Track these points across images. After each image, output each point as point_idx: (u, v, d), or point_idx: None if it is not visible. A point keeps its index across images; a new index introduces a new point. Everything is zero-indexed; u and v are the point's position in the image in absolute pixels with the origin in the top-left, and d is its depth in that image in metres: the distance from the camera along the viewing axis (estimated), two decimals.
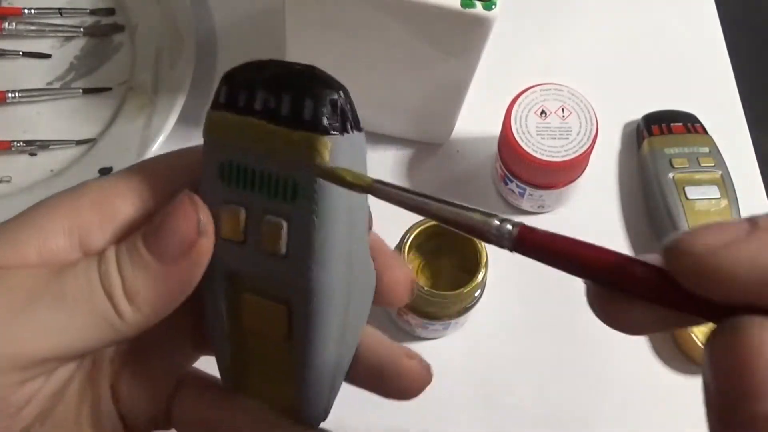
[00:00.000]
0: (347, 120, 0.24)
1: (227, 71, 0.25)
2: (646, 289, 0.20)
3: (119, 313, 0.24)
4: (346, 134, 0.24)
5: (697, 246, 0.19)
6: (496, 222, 0.21)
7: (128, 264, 0.25)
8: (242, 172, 0.25)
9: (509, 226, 0.21)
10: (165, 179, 0.27)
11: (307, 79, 0.24)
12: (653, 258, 0.20)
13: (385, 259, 0.28)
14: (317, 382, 0.27)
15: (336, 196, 0.24)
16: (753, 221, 0.19)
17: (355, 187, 0.23)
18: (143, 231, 0.25)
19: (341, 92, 0.24)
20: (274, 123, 0.24)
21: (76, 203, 0.26)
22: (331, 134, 0.24)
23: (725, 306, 0.19)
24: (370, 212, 0.27)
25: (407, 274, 0.28)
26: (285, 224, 0.25)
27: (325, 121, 0.24)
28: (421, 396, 0.49)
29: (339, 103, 0.24)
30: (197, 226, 0.25)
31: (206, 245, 0.25)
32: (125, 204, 0.26)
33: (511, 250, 0.21)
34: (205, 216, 0.25)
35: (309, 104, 0.24)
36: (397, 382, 0.28)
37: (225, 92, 0.25)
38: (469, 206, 0.22)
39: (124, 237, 0.26)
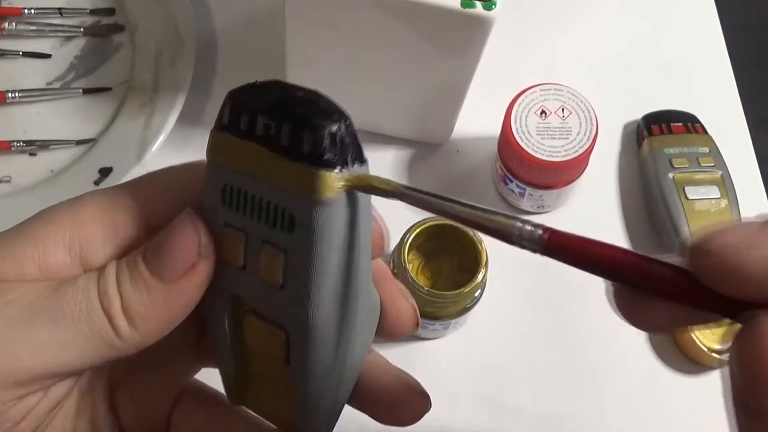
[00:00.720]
0: (348, 153, 0.23)
1: (231, 90, 0.25)
2: (671, 288, 0.21)
3: (117, 331, 0.24)
4: (345, 168, 0.23)
5: (721, 246, 0.20)
6: (519, 224, 0.22)
7: (127, 282, 0.24)
8: (243, 197, 0.25)
9: (538, 230, 0.22)
10: (167, 194, 0.26)
11: (308, 107, 0.23)
12: (671, 259, 0.21)
13: (390, 292, 0.28)
14: (315, 407, 0.27)
15: (335, 232, 0.23)
16: None
17: (381, 192, 0.23)
18: (144, 249, 0.25)
19: (343, 123, 0.23)
20: (274, 151, 0.23)
21: (77, 216, 0.25)
22: (331, 169, 0.23)
23: (747, 303, 0.20)
24: (385, 231, 0.27)
25: (412, 308, 0.29)
26: (282, 256, 0.24)
27: (325, 155, 0.23)
28: None
29: (339, 136, 0.23)
30: (198, 247, 0.25)
31: (206, 267, 0.25)
32: (127, 219, 0.26)
33: (541, 254, 0.22)
34: (206, 237, 0.25)
35: (308, 136, 0.23)
36: (395, 411, 0.28)
37: (228, 113, 0.24)
38: (493, 209, 0.22)
39: (124, 252, 0.25)
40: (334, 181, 0.23)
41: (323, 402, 0.27)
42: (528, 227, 0.22)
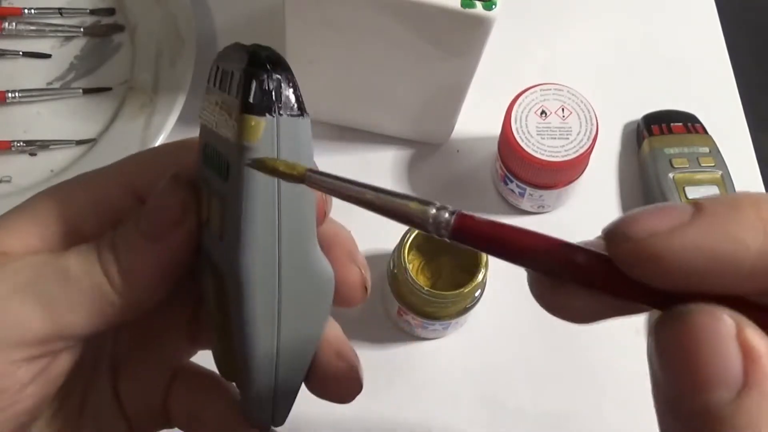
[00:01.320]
0: (276, 102, 0.23)
1: (218, 52, 0.26)
2: (589, 277, 0.20)
3: (115, 289, 0.25)
4: (272, 117, 0.23)
5: (639, 231, 0.18)
6: (433, 210, 0.20)
7: (122, 243, 0.26)
8: (210, 151, 0.25)
9: (446, 215, 0.20)
10: (158, 166, 0.27)
11: (254, 59, 0.23)
12: (599, 243, 0.20)
13: (336, 256, 0.27)
14: (250, 387, 0.26)
15: (261, 184, 0.23)
16: (698, 204, 0.18)
17: (286, 177, 0.22)
18: (136, 213, 0.26)
19: (276, 73, 0.23)
20: (225, 103, 0.24)
21: (71, 191, 0.27)
22: (255, 115, 0.23)
23: (669, 293, 0.18)
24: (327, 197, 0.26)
25: (360, 273, 0.28)
26: (220, 204, 0.25)
27: (248, 100, 0.23)
28: (422, 396, 0.49)
29: (268, 84, 0.23)
30: (181, 204, 0.26)
31: (189, 223, 0.26)
32: (119, 191, 0.27)
33: (450, 239, 0.20)
34: (189, 195, 0.26)
35: (239, 81, 0.23)
36: (324, 384, 0.28)
37: (210, 73, 0.26)
38: (406, 194, 0.21)
39: (118, 222, 0.27)
40: (259, 127, 0.23)
41: (257, 381, 0.26)
42: (438, 211, 0.20)
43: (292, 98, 0.24)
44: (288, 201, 0.24)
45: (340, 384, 0.28)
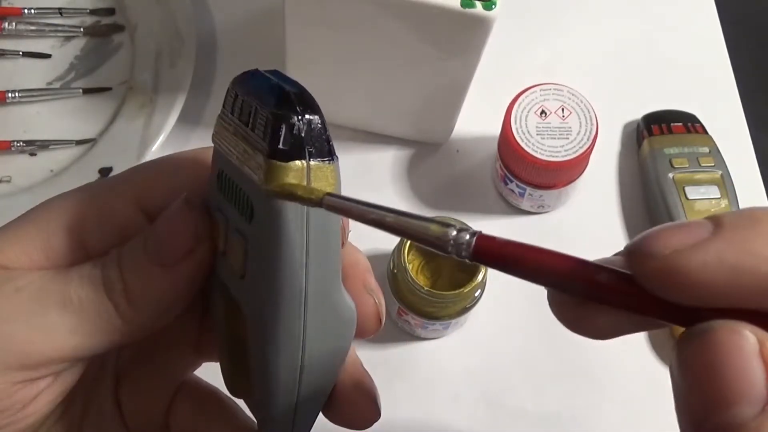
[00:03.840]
0: (306, 146, 0.22)
1: (235, 76, 0.25)
2: (611, 295, 0.20)
3: (121, 315, 0.25)
4: (301, 164, 0.22)
5: (661, 248, 0.18)
6: (454, 232, 0.20)
7: (129, 268, 0.25)
8: (227, 182, 0.25)
9: (467, 236, 0.20)
10: (166, 180, 0.27)
11: (277, 98, 0.23)
12: (618, 261, 0.20)
13: (354, 286, 0.27)
14: (270, 409, 0.26)
15: (287, 229, 0.23)
16: (717, 220, 0.18)
17: (305, 201, 0.22)
18: (144, 236, 0.25)
19: (306, 114, 0.22)
20: (248, 138, 0.23)
21: (77, 203, 0.26)
22: (283, 161, 0.22)
23: (692, 309, 0.18)
24: (346, 222, 0.26)
25: (373, 306, 0.27)
26: (244, 245, 0.24)
27: (277, 146, 0.22)
28: (422, 396, 0.49)
29: (299, 128, 0.22)
30: (194, 232, 0.25)
31: (202, 252, 0.25)
32: (125, 204, 0.26)
33: (470, 260, 0.20)
34: (202, 223, 0.25)
35: (268, 125, 0.22)
36: (342, 411, 0.28)
37: (227, 99, 0.25)
38: (425, 216, 0.21)
39: (125, 237, 0.26)
40: (286, 173, 0.22)
41: (279, 406, 0.26)
42: (459, 233, 0.20)
43: (323, 141, 0.23)
44: (316, 245, 0.24)
45: (358, 413, 0.28)
